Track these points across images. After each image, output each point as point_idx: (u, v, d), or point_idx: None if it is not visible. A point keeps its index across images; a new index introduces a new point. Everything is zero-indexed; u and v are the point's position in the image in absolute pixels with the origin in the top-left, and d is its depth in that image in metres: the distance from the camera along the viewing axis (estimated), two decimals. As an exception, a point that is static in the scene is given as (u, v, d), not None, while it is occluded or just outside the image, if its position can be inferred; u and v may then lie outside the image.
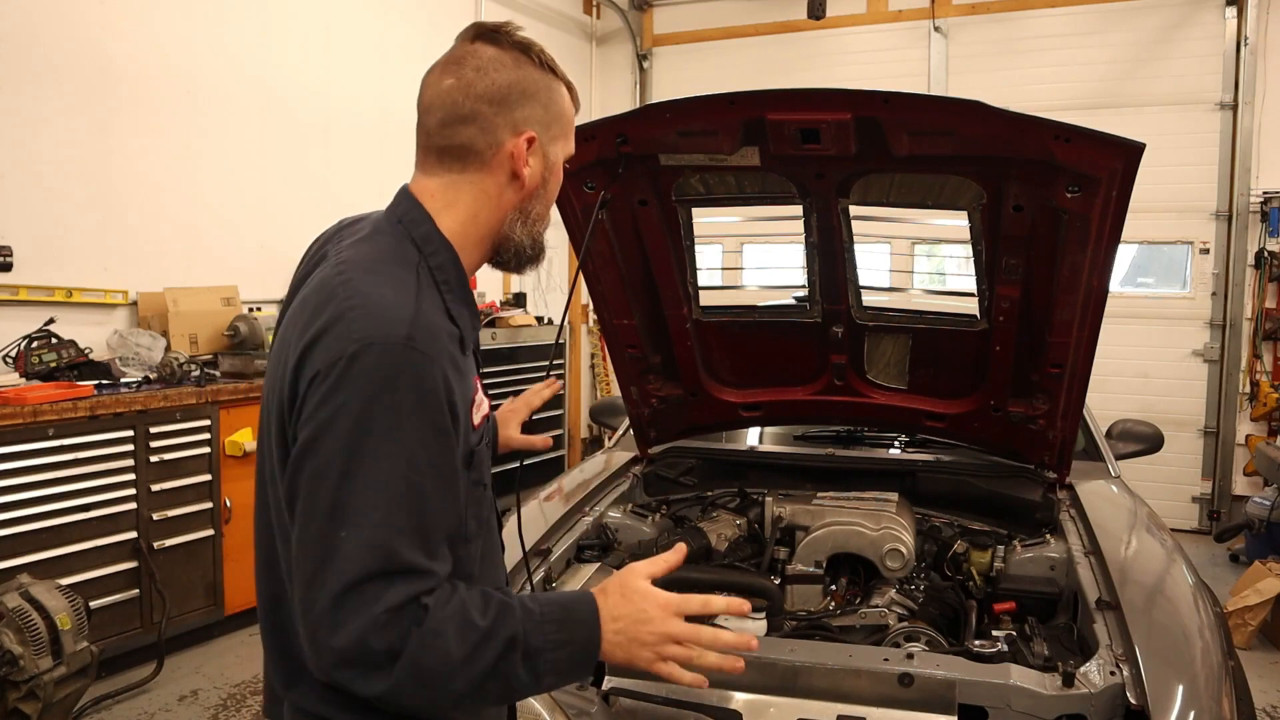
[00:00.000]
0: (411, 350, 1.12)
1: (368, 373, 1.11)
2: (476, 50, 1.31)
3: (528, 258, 1.36)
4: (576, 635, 1.19)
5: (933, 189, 2.46)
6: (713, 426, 3.22)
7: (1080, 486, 2.89)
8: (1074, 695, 1.78)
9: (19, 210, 4.17)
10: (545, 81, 1.32)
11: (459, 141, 1.27)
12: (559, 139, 1.36)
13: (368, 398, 1.11)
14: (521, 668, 1.15)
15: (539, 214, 1.35)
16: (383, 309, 1.15)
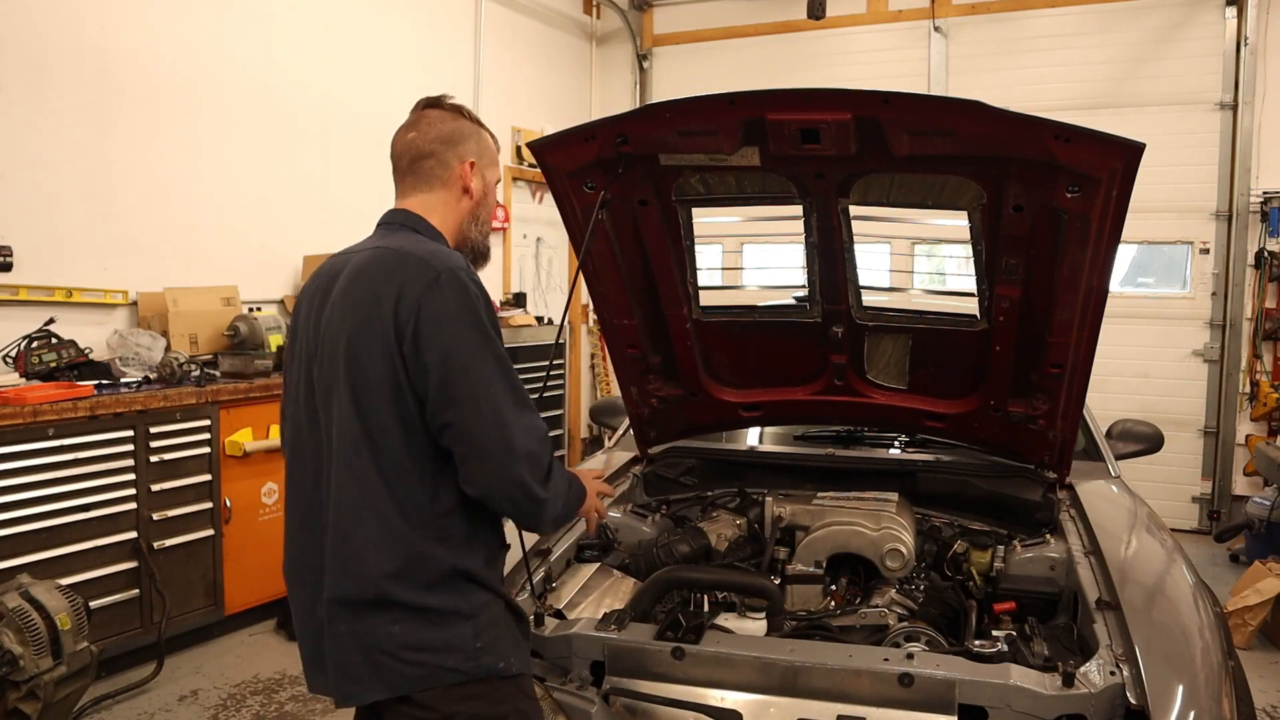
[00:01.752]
0: (470, 273, 1.72)
1: (457, 284, 1.67)
2: (425, 114, 1.90)
3: (480, 253, 1.95)
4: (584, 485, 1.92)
5: (933, 189, 2.46)
6: (713, 426, 3.22)
7: (1080, 486, 2.89)
8: (1074, 695, 1.78)
9: (19, 210, 4.17)
10: (474, 129, 1.92)
11: (424, 170, 1.87)
12: (489, 167, 1.94)
13: (462, 297, 1.66)
14: (573, 497, 1.82)
15: (485, 218, 1.94)
16: (441, 254, 1.73)
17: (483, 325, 1.66)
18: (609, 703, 1.95)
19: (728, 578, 2.33)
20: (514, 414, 1.66)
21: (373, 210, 1.98)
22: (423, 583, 1.67)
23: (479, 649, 1.69)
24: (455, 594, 1.69)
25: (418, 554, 1.67)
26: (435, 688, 1.67)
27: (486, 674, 1.69)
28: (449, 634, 1.67)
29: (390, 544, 1.66)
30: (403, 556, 1.66)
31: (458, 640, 1.68)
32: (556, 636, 2.04)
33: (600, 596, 2.40)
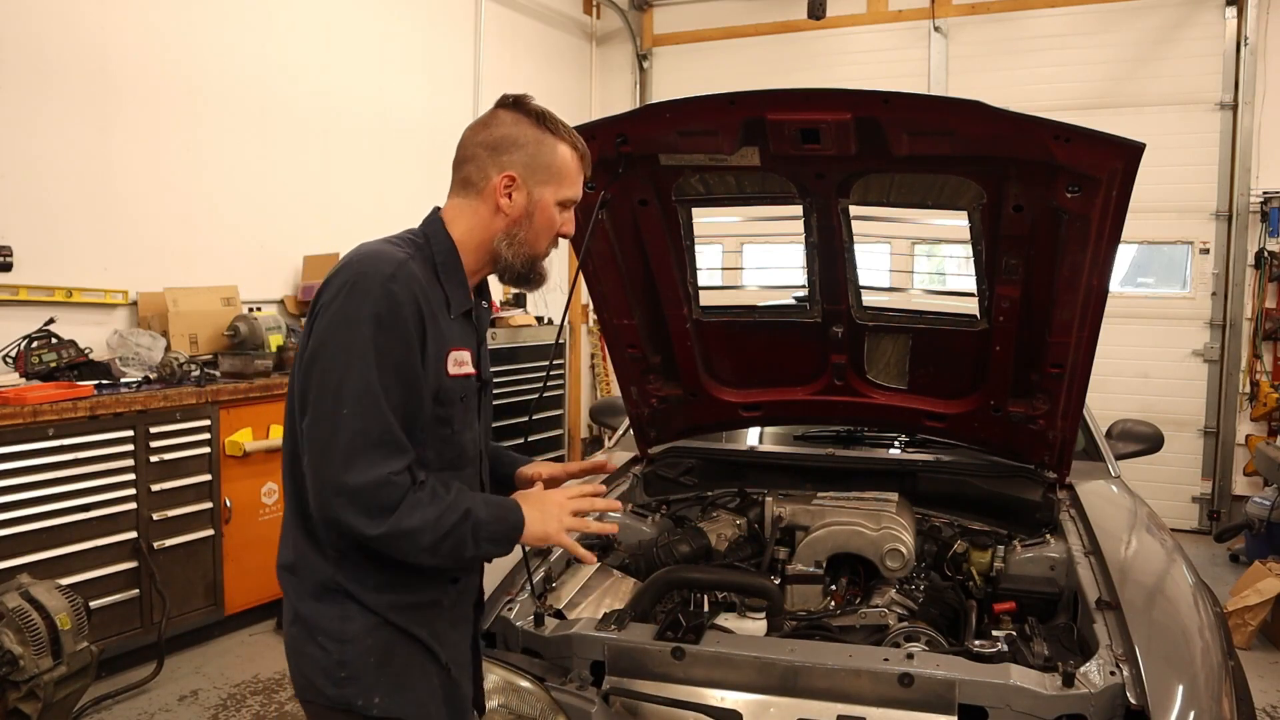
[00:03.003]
0: (391, 282, 1.56)
1: (358, 295, 1.55)
2: (495, 113, 1.74)
3: (518, 275, 1.77)
4: (509, 515, 1.66)
5: (933, 189, 2.46)
6: (713, 426, 3.22)
7: (1080, 486, 2.89)
8: (1074, 695, 1.78)
9: (19, 210, 4.17)
10: (537, 136, 1.71)
11: (463, 175, 1.73)
12: (547, 183, 1.72)
13: (358, 309, 1.54)
14: (469, 534, 1.59)
15: (525, 240, 1.73)
16: (377, 256, 1.60)
17: (365, 342, 1.52)
18: (609, 703, 1.95)
19: (728, 578, 2.33)
20: (356, 447, 1.50)
21: (372, 210, 1.98)
22: (305, 587, 1.64)
23: (342, 677, 1.60)
24: (330, 610, 1.62)
25: (303, 554, 1.65)
26: (308, 700, 1.66)
27: (344, 706, 1.61)
28: (315, 650, 1.61)
29: (289, 537, 1.68)
30: (293, 553, 1.67)
31: (322, 659, 1.61)
32: (556, 636, 2.04)
33: (600, 596, 2.40)
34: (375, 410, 1.52)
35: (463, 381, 1.69)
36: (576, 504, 1.74)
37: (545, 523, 1.69)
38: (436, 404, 1.63)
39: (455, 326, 1.68)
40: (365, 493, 1.50)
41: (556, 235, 1.79)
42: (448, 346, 1.64)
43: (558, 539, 1.70)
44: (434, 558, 1.59)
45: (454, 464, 1.71)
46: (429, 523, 1.54)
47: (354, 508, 1.50)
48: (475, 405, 1.76)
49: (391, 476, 1.52)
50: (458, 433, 1.70)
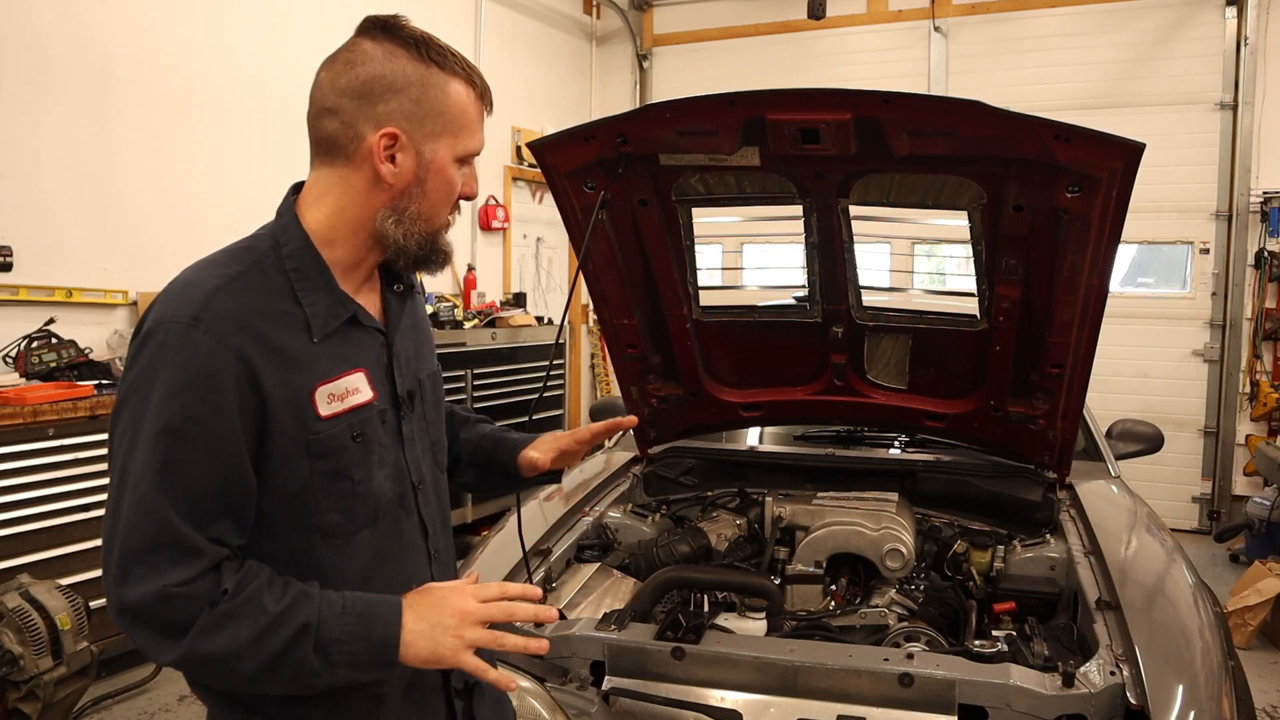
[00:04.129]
0: (193, 329, 1.19)
1: (151, 350, 1.20)
2: (356, 44, 1.32)
3: (414, 259, 1.35)
4: (374, 631, 1.22)
5: (933, 189, 2.46)
6: (713, 426, 3.22)
7: (1080, 486, 2.89)
8: (1074, 695, 1.78)
9: (19, 210, 4.17)
10: (420, 75, 1.28)
11: (324, 134, 1.30)
12: (439, 135, 1.30)
13: (148, 375, 1.19)
14: (314, 655, 1.19)
15: (418, 213, 1.32)
16: (181, 291, 1.23)
17: (154, 416, 1.17)
18: (609, 703, 1.95)
19: (728, 578, 2.33)
20: (130, 552, 1.16)
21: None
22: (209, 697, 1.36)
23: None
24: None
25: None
26: None
27: None
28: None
29: None
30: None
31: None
32: (556, 636, 2.04)
33: (600, 596, 2.40)
34: (153, 505, 1.16)
35: (350, 418, 1.30)
36: (486, 612, 1.26)
37: (436, 639, 1.23)
38: (314, 459, 1.27)
39: (327, 350, 1.29)
40: (142, 610, 1.16)
41: (458, 199, 1.37)
42: (312, 383, 1.26)
43: (454, 661, 1.24)
44: (279, 687, 1.22)
45: (369, 520, 1.34)
46: (242, 644, 1.17)
47: (136, 628, 1.17)
48: (391, 435, 1.38)
49: (171, 589, 1.15)
50: (361, 483, 1.32)
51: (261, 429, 1.23)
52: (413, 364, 1.45)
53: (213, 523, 1.20)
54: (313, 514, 1.28)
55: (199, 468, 1.19)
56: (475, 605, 1.26)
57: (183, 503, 1.18)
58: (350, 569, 1.31)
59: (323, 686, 1.23)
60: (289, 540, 1.29)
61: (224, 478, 1.21)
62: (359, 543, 1.33)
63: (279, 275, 1.29)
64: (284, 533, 1.28)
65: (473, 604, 1.26)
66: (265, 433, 1.23)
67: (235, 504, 1.23)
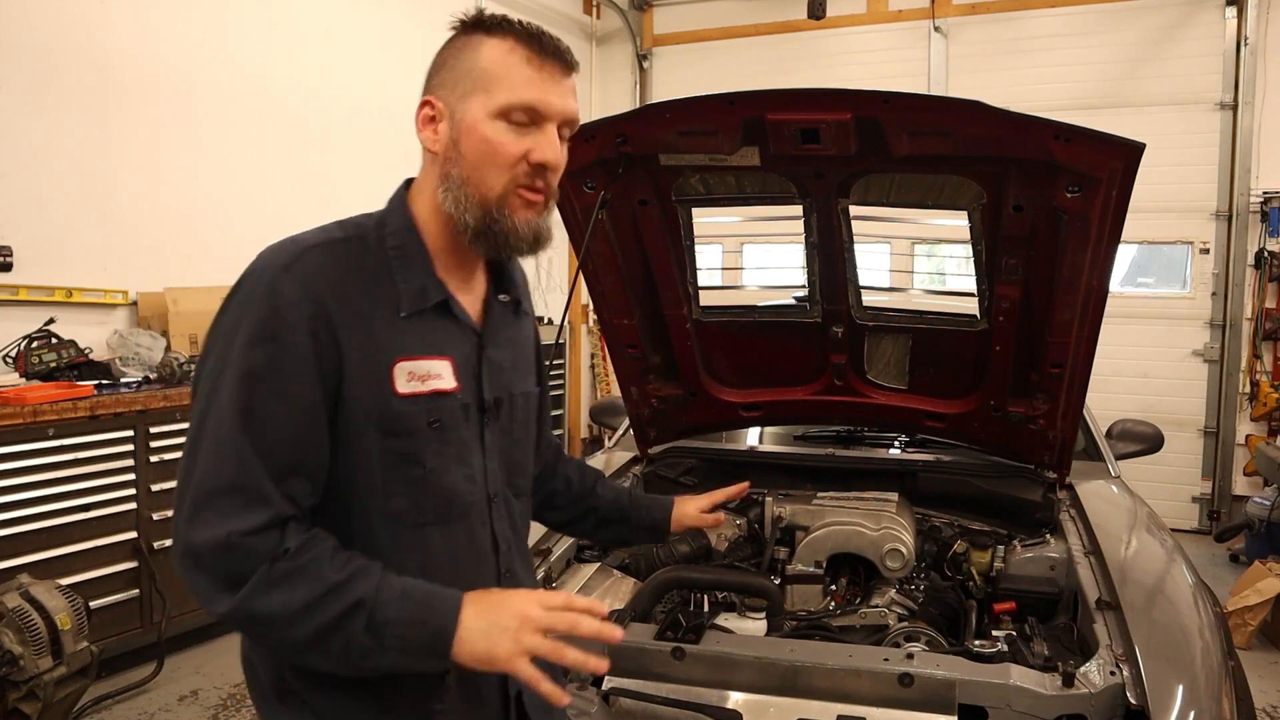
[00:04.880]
0: (281, 278, 1.20)
1: (241, 297, 1.22)
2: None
3: (475, 231, 1.28)
4: (431, 619, 1.19)
5: (933, 189, 2.46)
6: (713, 426, 3.22)
7: (1080, 486, 2.89)
8: (1074, 695, 1.78)
9: (19, 210, 4.17)
10: (459, 42, 1.29)
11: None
12: (470, 94, 1.27)
13: (236, 318, 1.21)
14: (365, 634, 1.16)
15: (461, 178, 1.27)
16: (282, 245, 1.25)
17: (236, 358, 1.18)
18: (609, 703, 1.95)
19: (728, 578, 2.32)
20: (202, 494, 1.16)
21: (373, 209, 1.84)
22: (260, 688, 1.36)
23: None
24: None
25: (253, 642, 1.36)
26: None
27: None
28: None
29: None
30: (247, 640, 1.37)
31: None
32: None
33: (600, 596, 2.40)
34: (232, 447, 1.16)
35: (428, 402, 1.28)
36: (548, 620, 1.21)
37: (493, 639, 1.19)
38: (386, 436, 1.25)
39: (413, 329, 1.28)
40: (203, 555, 1.15)
41: (522, 162, 1.27)
42: (392, 356, 1.25)
43: (509, 665, 1.19)
44: (328, 661, 1.19)
45: (443, 515, 1.31)
46: (294, 609, 1.14)
47: (197, 573, 1.16)
48: (472, 434, 1.35)
49: (235, 537, 1.14)
50: (434, 473, 1.29)
51: (338, 390, 1.23)
52: (506, 375, 1.42)
53: (286, 477, 1.19)
54: (380, 495, 1.26)
55: (277, 416, 1.19)
56: (538, 611, 1.21)
57: (260, 448, 1.17)
58: (412, 563, 1.28)
59: (371, 669, 1.20)
60: (353, 522, 1.27)
61: (301, 429, 1.20)
62: (425, 538, 1.30)
63: (379, 250, 1.29)
64: (349, 512, 1.27)
65: (536, 610, 1.21)
66: (340, 395, 1.23)
67: (309, 461, 1.22)
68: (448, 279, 1.34)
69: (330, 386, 1.22)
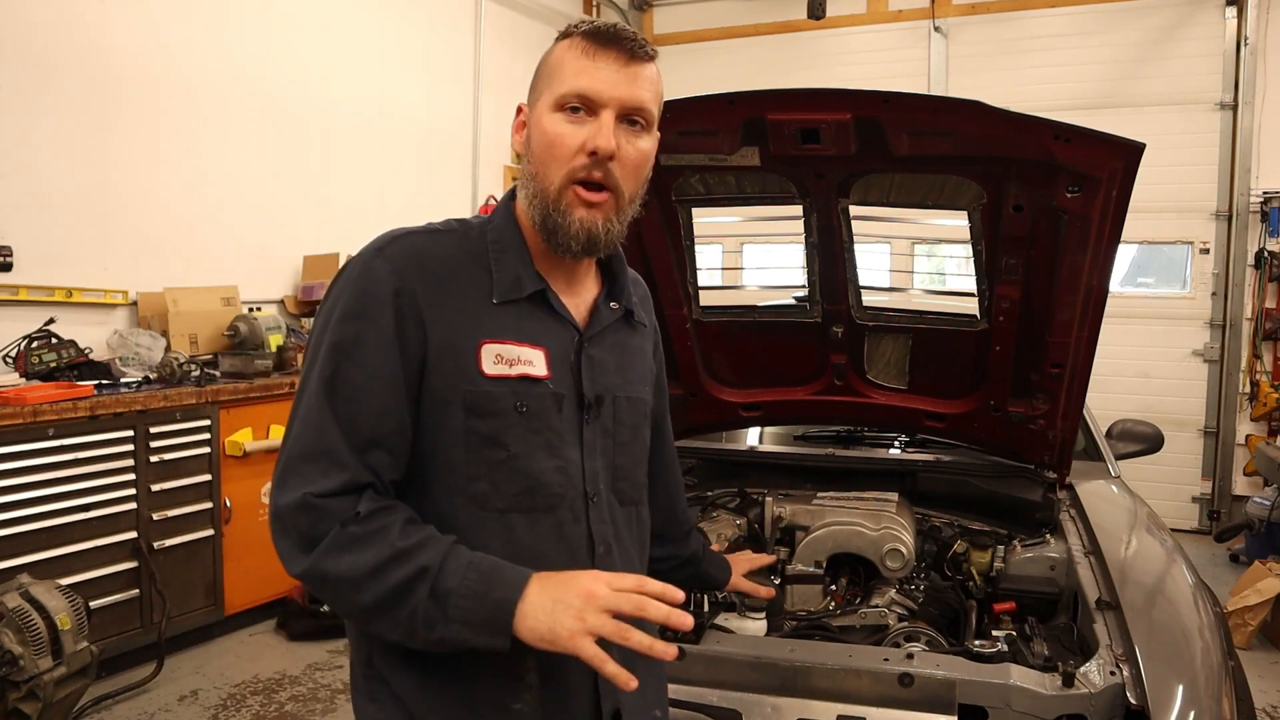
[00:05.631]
0: (375, 257, 1.27)
1: (342, 278, 1.29)
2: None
3: (546, 231, 1.31)
4: (494, 591, 1.17)
5: (933, 189, 2.46)
6: (713, 426, 3.22)
7: (1080, 486, 2.89)
8: (1074, 695, 1.78)
9: (19, 210, 4.17)
10: (546, 53, 1.34)
11: None
12: (540, 94, 1.32)
13: (334, 299, 1.28)
14: (428, 600, 1.16)
15: (532, 175, 1.32)
16: (383, 234, 1.32)
17: (330, 333, 1.25)
18: (609, 703, 1.95)
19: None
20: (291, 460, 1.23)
21: (373, 209, 1.87)
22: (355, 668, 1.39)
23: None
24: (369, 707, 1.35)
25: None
26: None
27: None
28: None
29: None
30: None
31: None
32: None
33: (600, 596, 2.39)
34: (317, 416, 1.22)
35: (515, 385, 1.28)
36: (615, 601, 1.17)
37: (555, 615, 1.15)
38: (470, 415, 1.26)
39: (505, 315, 1.30)
40: (285, 516, 1.19)
41: (581, 154, 1.27)
42: (479, 336, 1.27)
43: (570, 644, 1.14)
44: (395, 630, 1.19)
45: (526, 503, 1.29)
46: (361, 572, 1.16)
47: (282, 535, 1.21)
48: (568, 426, 1.33)
49: (311, 498, 1.17)
50: (518, 458, 1.28)
51: (422, 366, 1.26)
52: (610, 377, 1.41)
53: (367, 447, 1.22)
54: (461, 476, 1.27)
55: (360, 387, 1.23)
56: (605, 591, 1.17)
57: (342, 416, 1.22)
58: (493, 548, 1.25)
59: (435, 642, 1.18)
60: (438, 500, 1.28)
61: (382, 402, 1.23)
62: (508, 524, 1.29)
63: (480, 243, 1.34)
64: (434, 490, 1.28)
65: (603, 589, 1.17)
66: (425, 371, 1.26)
67: (391, 434, 1.24)
68: (550, 277, 1.36)
69: (414, 362, 1.25)
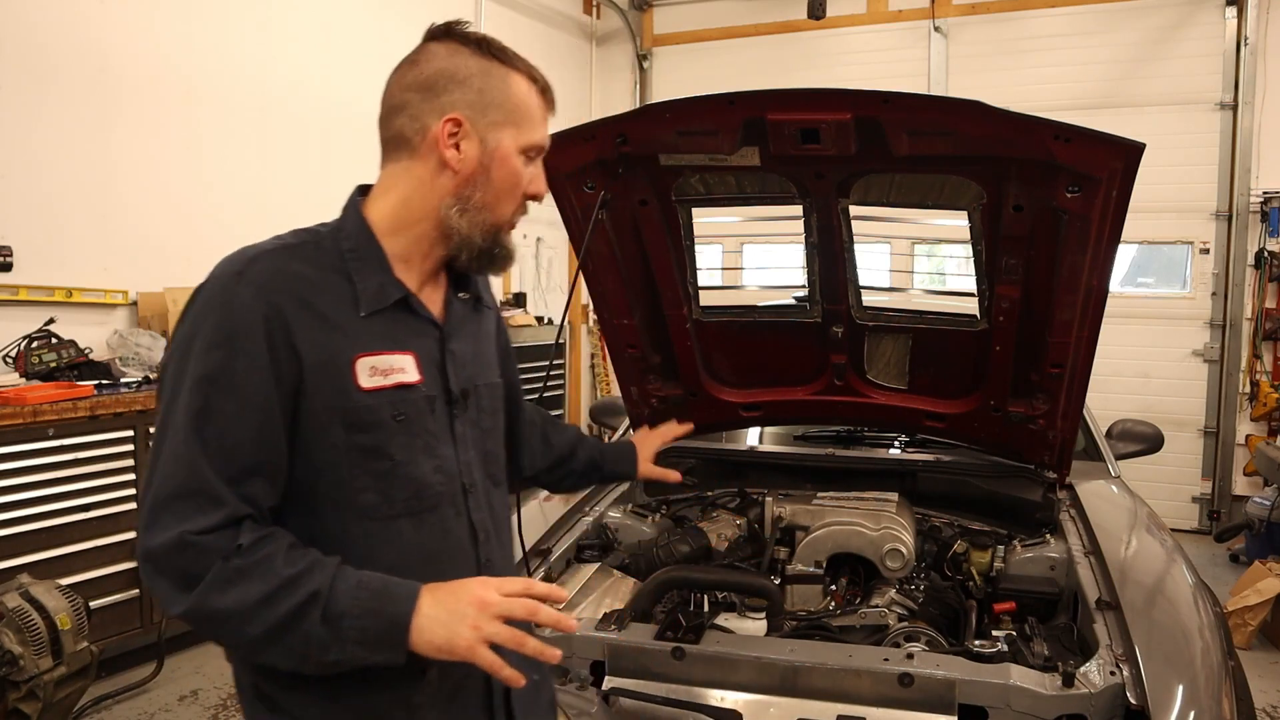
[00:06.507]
0: (235, 283, 1.23)
1: (198, 305, 1.25)
2: (422, 48, 1.37)
3: (479, 252, 1.36)
4: (386, 608, 1.19)
5: (933, 189, 2.46)
6: (713, 426, 3.22)
7: (1080, 486, 2.89)
8: (1074, 695, 1.78)
9: (19, 210, 4.17)
10: (483, 67, 1.33)
11: (394, 131, 1.35)
12: (502, 125, 1.34)
13: (193, 327, 1.24)
14: (321, 626, 1.17)
15: (481, 203, 1.34)
16: (235, 255, 1.29)
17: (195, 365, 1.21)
18: (609, 703, 1.95)
19: (728, 578, 2.32)
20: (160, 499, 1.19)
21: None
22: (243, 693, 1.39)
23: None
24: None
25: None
26: None
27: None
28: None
29: None
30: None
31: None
32: (556, 636, 2.04)
33: (600, 596, 2.40)
34: (186, 451, 1.19)
35: (392, 395, 1.30)
36: (508, 607, 1.21)
37: (452, 627, 1.18)
38: (351, 430, 1.27)
39: (373, 326, 1.31)
40: (159, 557, 1.17)
41: (525, 197, 1.39)
42: (352, 352, 1.28)
43: (469, 654, 1.18)
44: (288, 658, 1.20)
45: (414, 507, 1.33)
46: (249, 605, 1.15)
47: (156, 576, 1.18)
48: (441, 425, 1.37)
49: (188, 536, 1.16)
50: (402, 465, 1.31)
51: (297, 390, 1.25)
52: (470, 368, 1.45)
53: (243, 479, 1.21)
54: (348, 490, 1.28)
55: (232, 418, 1.21)
56: (496, 597, 1.21)
57: (214, 452, 1.20)
58: (386, 556, 1.29)
59: (330, 665, 1.20)
60: (323, 518, 1.29)
61: (256, 431, 1.22)
62: (397, 530, 1.32)
63: (334, 254, 1.32)
64: (318, 509, 1.29)
65: (494, 595, 1.22)
66: (300, 394, 1.25)
67: (266, 462, 1.24)
68: (406, 279, 1.37)
69: (289, 387, 1.24)
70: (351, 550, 1.27)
